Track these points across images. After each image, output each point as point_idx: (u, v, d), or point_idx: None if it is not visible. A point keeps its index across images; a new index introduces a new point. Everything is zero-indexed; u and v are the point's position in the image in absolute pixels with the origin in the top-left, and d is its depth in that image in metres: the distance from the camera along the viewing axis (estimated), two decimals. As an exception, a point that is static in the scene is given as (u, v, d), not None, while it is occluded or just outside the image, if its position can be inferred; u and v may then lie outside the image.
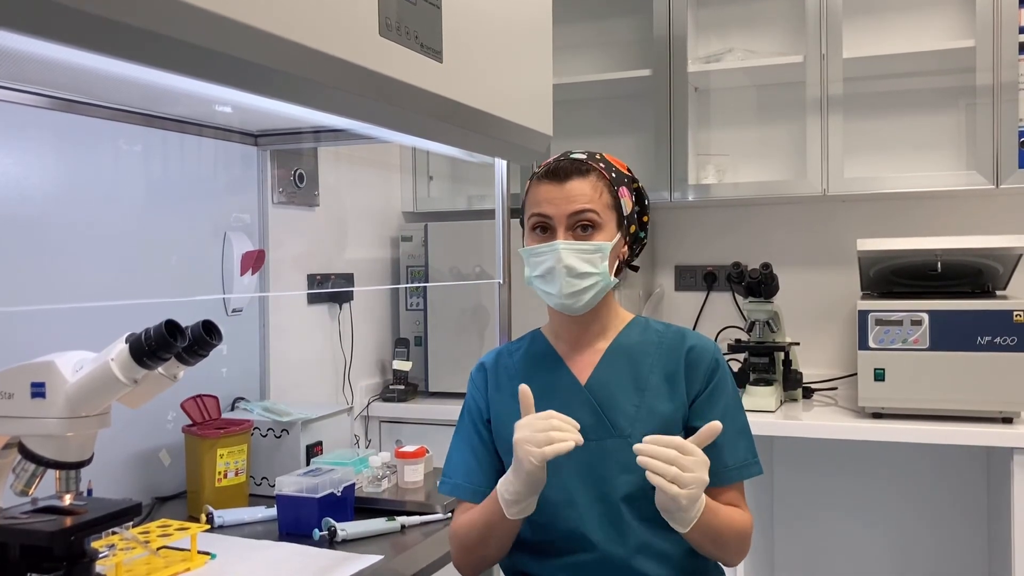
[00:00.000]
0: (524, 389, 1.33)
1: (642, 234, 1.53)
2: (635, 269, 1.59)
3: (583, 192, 1.42)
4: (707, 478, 1.27)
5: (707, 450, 1.42)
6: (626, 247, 1.49)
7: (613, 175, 1.47)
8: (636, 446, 1.27)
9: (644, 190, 1.54)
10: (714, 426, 1.29)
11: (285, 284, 2.42)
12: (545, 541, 1.43)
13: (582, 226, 1.41)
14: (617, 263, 1.47)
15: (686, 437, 1.43)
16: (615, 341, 1.50)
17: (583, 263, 1.41)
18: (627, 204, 1.48)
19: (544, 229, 1.43)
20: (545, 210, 1.42)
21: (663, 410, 1.43)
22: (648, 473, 1.25)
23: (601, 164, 1.47)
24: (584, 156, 1.46)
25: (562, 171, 1.43)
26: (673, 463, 1.25)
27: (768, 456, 2.89)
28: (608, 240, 1.43)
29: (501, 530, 1.39)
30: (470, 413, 1.53)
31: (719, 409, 1.45)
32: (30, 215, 1.69)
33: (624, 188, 1.48)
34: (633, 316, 1.55)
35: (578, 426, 1.29)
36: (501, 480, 1.36)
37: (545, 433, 1.27)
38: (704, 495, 1.31)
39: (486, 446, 1.50)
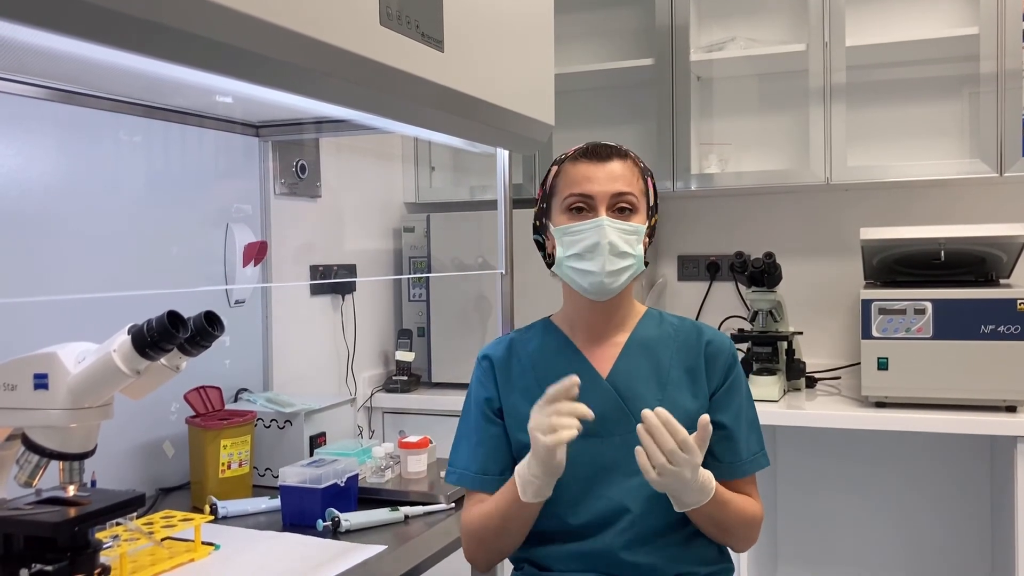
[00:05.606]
0: (573, 379, 1.29)
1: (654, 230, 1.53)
2: (646, 265, 1.57)
3: (623, 174, 1.41)
4: (689, 477, 1.26)
5: (724, 444, 1.43)
6: (647, 237, 1.47)
7: (642, 165, 1.47)
8: (645, 413, 1.24)
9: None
10: (705, 424, 1.26)
11: (287, 275, 2.42)
12: (560, 531, 1.42)
13: (620, 208, 1.40)
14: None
15: None
16: (634, 334, 1.48)
17: (624, 243, 1.39)
18: (651, 194, 1.48)
19: (580, 209, 1.41)
20: (586, 189, 1.40)
21: (687, 406, 1.42)
22: (637, 449, 1.25)
23: (631, 153, 1.47)
24: (614, 144, 1.46)
25: (602, 151, 1.42)
26: (668, 455, 1.24)
27: (771, 446, 2.88)
28: (643, 224, 1.43)
29: (518, 519, 1.37)
30: (477, 403, 1.50)
31: (736, 404, 1.45)
32: (31, 207, 1.69)
33: (649, 179, 1.48)
34: (646, 308, 1.54)
35: (589, 414, 1.27)
36: (520, 464, 1.35)
37: (549, 420, 1.26)
38: (714, 486, 1.32)
39: (494, 435, 1.47)
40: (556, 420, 1.26)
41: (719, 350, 1.46)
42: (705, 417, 1.26)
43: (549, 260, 1.49)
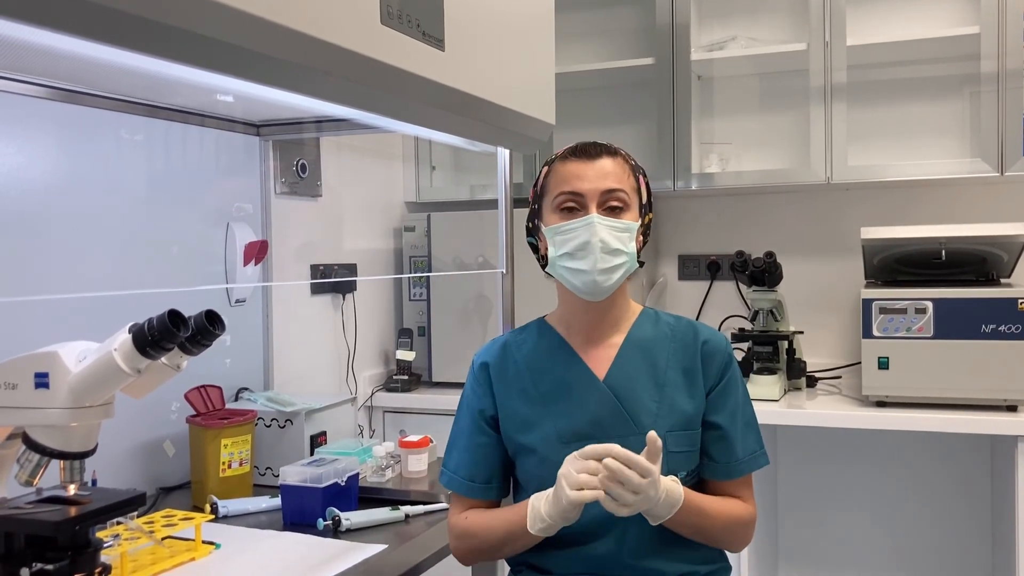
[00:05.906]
0: (616, 448, 1.26)
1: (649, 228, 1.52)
2: (641, 264, 1.57)
3: (613, 171, 1.40)
4: (654, 495, 1.25)
5: (719, 444, 1.42)
6: (641, 236, 1.46)
7: (633, 162, 1.47)
8: (607, 462, 1.23)
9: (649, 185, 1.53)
10: (654, 439, 1.25)
11: (288, 274, 2.42)
12: (559, 534, 1.39)
13: (611, 206, 1.39)
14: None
15: (703, 432, 1.42)
16: (630, 334, 1.47)
17: (615, 240, 1.38)
18: (644, 192, 1.47)
19: (571, 208, 1.40)
20: (576, 187, 1.39)
21: (684, 407, 1.42)
22: (603, 498, 1.24)
23: (622, 151, 1.46)
24: (604, 143, 1.46)
25: (592, 149, 1.42)
26: (634, 489, 1.23)
27: (772, 445, 2.89)
28: (636, 222, 1.42)
29: (523, 541, 1.37)
30: (471, 409, 1.49)
31: (731, 404, 1.44)
32: (32, 206, 1.69)
33: (641, 176, 1.47)
34: (642, 308, 1.53)
35: (619, 469, 1.24)
36: (537, 495, 1.34)
37: (579, 477, 1.25)
38: (681, 493, 1.31)
39: (483, 444, 1.47)
40: (586, 478, 1.24)
41: (715, 349, 1.46)
42: (652, 434, 1.25)
43: (543, 262, 1.49)
